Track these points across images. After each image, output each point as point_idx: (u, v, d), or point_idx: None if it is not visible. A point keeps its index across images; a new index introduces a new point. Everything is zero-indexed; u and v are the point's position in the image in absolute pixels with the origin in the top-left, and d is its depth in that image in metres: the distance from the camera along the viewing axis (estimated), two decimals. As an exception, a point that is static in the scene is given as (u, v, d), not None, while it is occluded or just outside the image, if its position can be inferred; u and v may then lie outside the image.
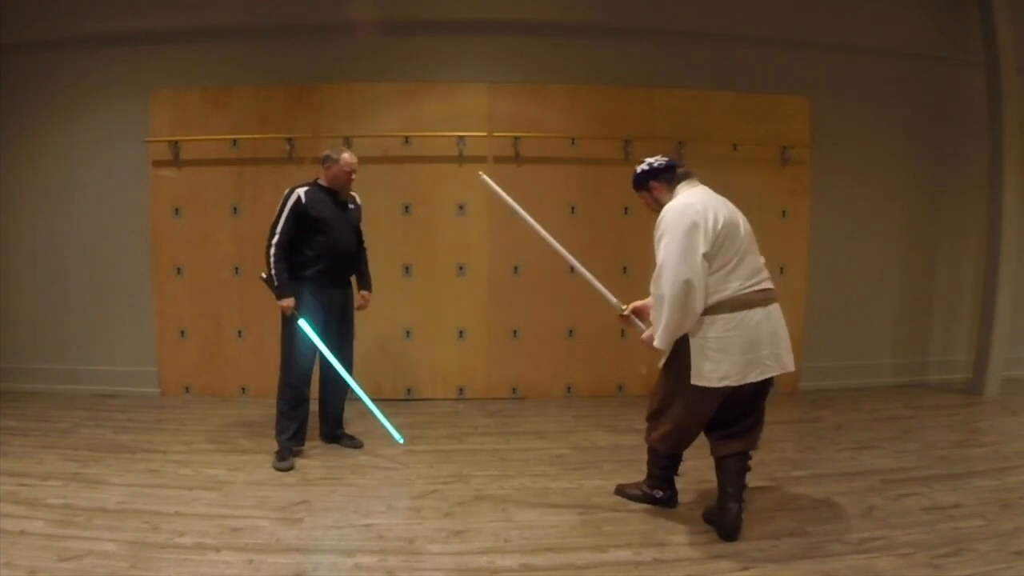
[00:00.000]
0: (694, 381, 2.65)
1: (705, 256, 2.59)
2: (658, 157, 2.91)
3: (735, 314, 2.62)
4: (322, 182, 3.61)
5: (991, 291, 4.97)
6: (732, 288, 2.63)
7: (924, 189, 5.28)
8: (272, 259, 3.49)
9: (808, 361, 5.03)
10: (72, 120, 4.82)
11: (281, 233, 3.49)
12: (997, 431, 4.17)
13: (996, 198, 4.93)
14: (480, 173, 3.30)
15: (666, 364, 2.81)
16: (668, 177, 2.85)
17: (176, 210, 4.79)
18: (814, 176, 5.05)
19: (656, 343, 2.70)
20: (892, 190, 5.23)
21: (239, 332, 4.83)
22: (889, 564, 2.49)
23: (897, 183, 5.23)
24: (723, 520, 2.71)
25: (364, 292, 3.86)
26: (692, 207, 2.66)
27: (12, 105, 4.82)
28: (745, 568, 2.48)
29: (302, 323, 3.51)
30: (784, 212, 4.97)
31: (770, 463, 3.50)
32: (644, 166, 2.91)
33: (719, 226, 2.62)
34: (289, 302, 3.49)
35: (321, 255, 3.56)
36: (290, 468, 3.44)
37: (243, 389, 4.87)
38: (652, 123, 4.88)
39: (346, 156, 3.58)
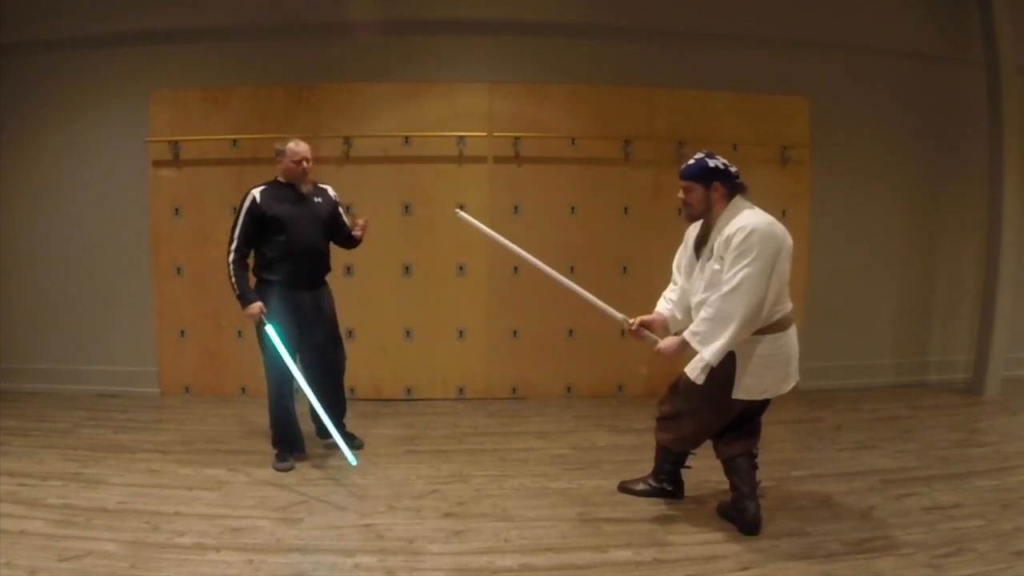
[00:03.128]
0: (736, 395, 2.68)
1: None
2: (724, 159, 2.74)
3: (781, 333, 2.69)
4: (280, 179, 3.49)
5: (991, 291, 4.97)
6: (784, 308, 2.70)
7: (924, 189, 5.27)
8: (231, 267, 3.36)
9: (808, 361, 4.98)
10: (72, 120, 4.82)
11: (239, 238, 3.36)
12: (997, 431, 4.17)
13: (996, 198, 4.92)
14: (456, 210, 3.28)
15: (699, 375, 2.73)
16: (732, 185, 2.71)
17: (176, 210, 4.79)
18: (814, 176, 5.05)
19: (709, 359, 2.60)
20: (892, 190, 5.22)
21: (239, 332, 4.82)
22: (889, 564, 2.49)
23: (897, 183, 5.23)
24: (743, 518, 2.75)
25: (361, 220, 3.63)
26: (775, 229, 2.63)
27: (12, 105, 4.82)
28: (745, 568, 2.48)
29: (269, 330, 3.33)
30: (784, 212, 4.95)
31: (770, 463, 3.48)
32: (717, 162, 2.69)
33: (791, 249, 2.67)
34: (254, 308, 3.34)
35: (283, 256, 3.39)
36: (290, 468, 3.44)
37: (243, 389, 4.87)
38: (652, 123, 4.88)
39: (292, 146, 3.41)
